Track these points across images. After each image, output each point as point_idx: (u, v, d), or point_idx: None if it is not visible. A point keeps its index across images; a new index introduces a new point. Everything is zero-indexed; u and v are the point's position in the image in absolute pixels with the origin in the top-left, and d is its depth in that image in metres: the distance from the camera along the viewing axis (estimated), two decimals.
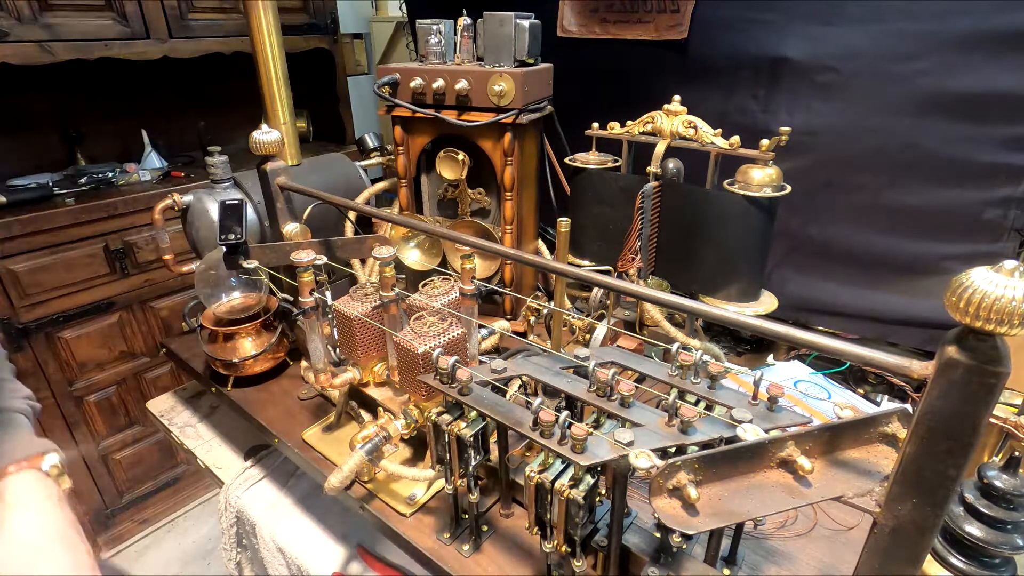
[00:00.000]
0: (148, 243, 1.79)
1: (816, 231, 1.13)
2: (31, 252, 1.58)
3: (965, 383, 0.32)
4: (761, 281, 0.97)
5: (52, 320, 1.67)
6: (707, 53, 1.16)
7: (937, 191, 1.00)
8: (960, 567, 0.49)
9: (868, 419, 0.40)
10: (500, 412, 0.56)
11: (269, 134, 0.87)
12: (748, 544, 0.70)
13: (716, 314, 0.48)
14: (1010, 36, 0.88)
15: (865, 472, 0.40)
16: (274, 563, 0.94)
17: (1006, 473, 0.48)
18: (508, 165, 1.02)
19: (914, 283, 1.06)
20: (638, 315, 1.05)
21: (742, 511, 0.41)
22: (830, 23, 1.01)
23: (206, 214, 1.05)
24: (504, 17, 0.97)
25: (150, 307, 1.89)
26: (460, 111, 1.00)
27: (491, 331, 0.93)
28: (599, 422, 0.55)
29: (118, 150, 2.02)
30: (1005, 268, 0.30)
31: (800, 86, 1.06)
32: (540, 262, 0.62)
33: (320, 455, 0.86)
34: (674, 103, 0.95)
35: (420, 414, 0.76)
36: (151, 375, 1.95)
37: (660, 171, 0.95)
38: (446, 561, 0.68)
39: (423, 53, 1.05)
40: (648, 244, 1.00)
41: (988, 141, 0.94)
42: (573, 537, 0.56)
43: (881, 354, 0.38)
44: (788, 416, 0.51)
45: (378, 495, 0.78)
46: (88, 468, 1.87)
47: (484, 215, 1.15)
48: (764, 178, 0.87)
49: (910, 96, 0.97)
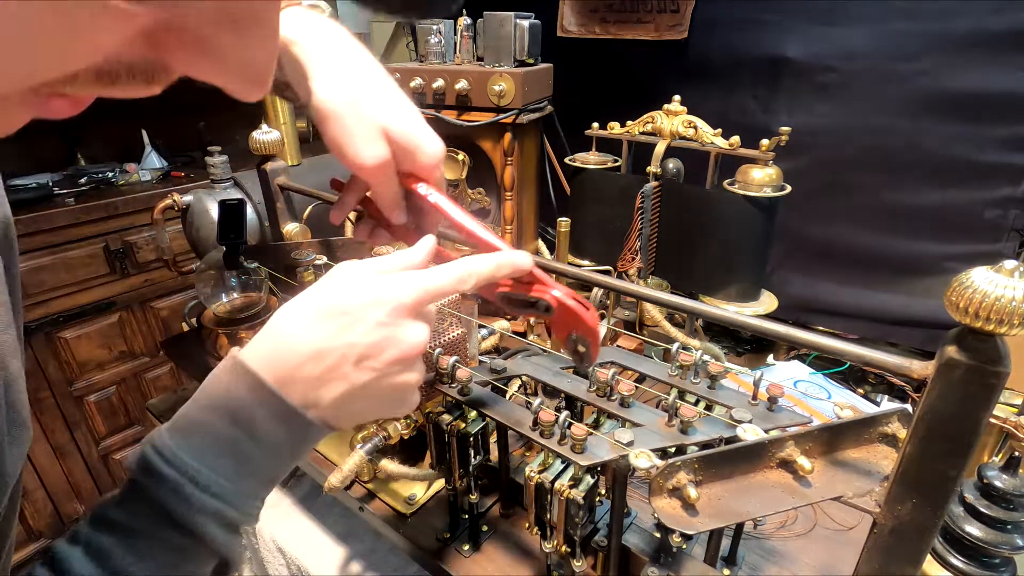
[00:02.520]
0: (148, 243, 1.79)
1: (816, 231, 1.13)
2: (31, 252, 1.58)
3: (965, 383, 0.32)
4: (761, 281, 0.97)
5: (52, 320, 1.67)
6: (707, 53, 1.16)
7: (937, 191, 1.00)
8: (960, 567, 0.49)
9: (868, 419, 0.40)
10: (500, 412, 0.56)
11: (269, 134, 0.87)
12: (748, 544, 0.70)
13: (716, 314, 0.48)
14: (1010, 36, 0.88)
15: (865, 472, 0.40)
16: (274, 563, 0.94)
17: (1006, 473, 0.48)
18: (508, 165, 1.02)
19: (914, 283, 1.06)
20: (638, 315, 1.05)
21: (742, 511, 0.41)
22: (830, 23, 1.01)
23: (206, 214, 1.05)
24: (504, 17, 0.97)
25: (150, 307, 1.89)
26: (460, 111, 1.00)
27: (491, 331, 0.93)
28: (599, 422, 0.55)
29: (118, 150, 2.02)
30: (1005, 268, 0.30)
31: (800, 86, 1.06)
32: (540, 262, 0.62)
33: (320, 455, 0.86)
34: (674, 103, 0.95)
35: (420, 414, 0.76)
36: (151, 375, 1.95)
37: (660, 171, 0.95)
38: (446, 561, 0.68)
39: (423, 53, 1.05)
40: (648, 244, 1.00)
41: (988, 141, 0.94)
42: (573, 537, 0.56)
43: (881, 354, 0.38)
44: (788, 416, 0.51)
45: (378, 495, 0.78)
46: (88, 468, 1.87)
47: (484, 215, 1.15)
48: (764, 178, 0.87)
49: (910, 96, 0.97)
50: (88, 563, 0.34)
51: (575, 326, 0.47)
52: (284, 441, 0.39)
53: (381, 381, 0.40)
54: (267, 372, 0.38)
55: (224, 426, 0.37)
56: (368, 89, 0.49)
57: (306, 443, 0.40)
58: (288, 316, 0.41)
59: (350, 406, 0.40)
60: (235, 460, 0.37)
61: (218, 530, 0.36)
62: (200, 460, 0.36)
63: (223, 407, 0.38)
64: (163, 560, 0.35)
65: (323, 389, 0.39)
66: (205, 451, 0.36)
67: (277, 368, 0.39)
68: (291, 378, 0.38)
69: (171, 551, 0.36)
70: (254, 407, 0.38)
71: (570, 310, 0.47)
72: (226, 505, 0.36)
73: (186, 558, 0.36)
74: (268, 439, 0.38)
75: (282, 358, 0.39)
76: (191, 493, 0.35)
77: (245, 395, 0.38)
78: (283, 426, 0.38)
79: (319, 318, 0.40)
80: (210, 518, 0.36)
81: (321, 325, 0.39)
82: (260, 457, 0.38)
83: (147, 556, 0.35)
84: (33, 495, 1.76)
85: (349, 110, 0.48)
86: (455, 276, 0.43)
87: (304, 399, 0.39)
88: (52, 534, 1.83)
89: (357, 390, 0.40)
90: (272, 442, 0.38)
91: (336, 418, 0.40)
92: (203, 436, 0.37)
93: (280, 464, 0.40)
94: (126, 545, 0.34)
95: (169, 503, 0.35)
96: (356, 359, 0.39)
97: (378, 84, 0.50)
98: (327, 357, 0.39)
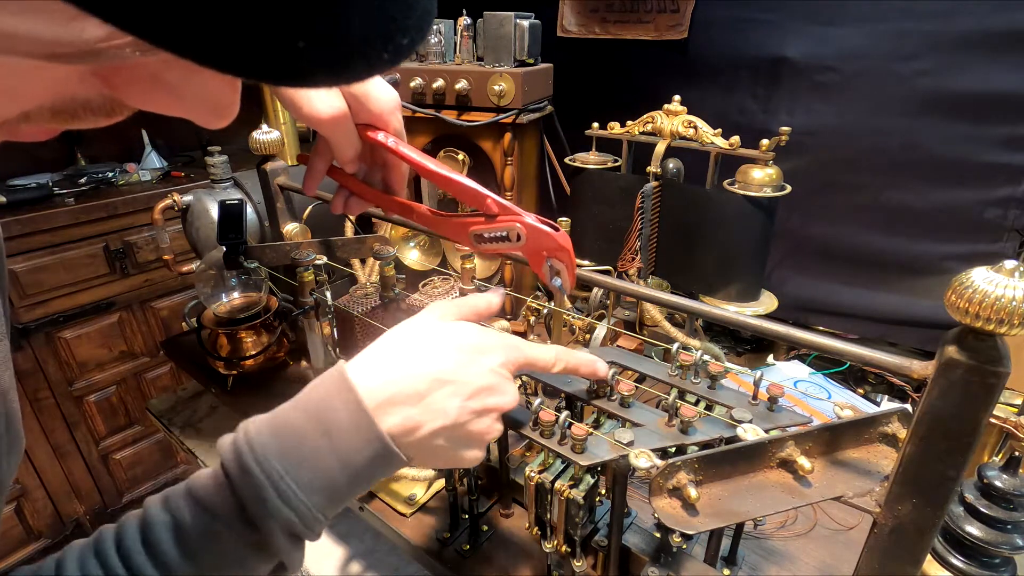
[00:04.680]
0: (148, 243, 1.79)
1: (816, 231, 1.13)
2: (31, 252, 1.58)
3: (965, 383, 0.32)
4: (761, 281, 0.96)
5: (52, 320, 1.67)
6: (707, 53, 1.16)
7: (937, 191, 1.00)
8: (960, 567, 0.49)
9: (868, 419, 0.40)
10: None
11: (269, 134, 0.87)
12: (748, 544, 0.70)
13: (716, 314, 0.48)
14: (1010, 36, 0.88)
15: (865, 472, 0.40)
16: None
17: (1006, 473, 0.48)
18: (508, 165, 1.02)
19: (914, 283, 1.06)
20: (638, 315, 1.05)
21: (742, 511, 0.41)
22: (830, 23, 1.01)
23: (206, 214, 1.05)
24: (504, 17, 0.97)
25: (150, 307, 1.89)
26: (460, 111, 1.00)
27: None
28: (599, 422, 0.55)
29: (118, 150, 2.02)
30: (1005, 268, 0.30)
31: (800, 86, 1.06)
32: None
33: None
34: (674, 103, 0.95)
35: None
36: (151, 375, 1.95)
37: (660, 171, 0.95)
38: (446, 561, 0.68)
39: (423, 53, 1.05)
40: (648, 244, 1.00)
41: (988, 141, 0.94)
42: (573, 537, 0.56)
43: (881, 354, 0.38)
44: (788, 416, 0.51)
45: (378, 495, 0.78)
46: (88, 468, 1.87)
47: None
48: (764, 178, 0.87)
49: (910, 96, 0.97)
50: (167, 532, 0.36)
51: (548, 248, 0.49)
52: (366, 467, 0.39)
53: (470, 425, 0.42)
54: (369, 393, 0.39)
55: (316, 438, 0.38)
56: None
57: (385, 471, 0.41)
58: (409, 339, 0.43)
59: (434, 441, 0.41)
60: (317, 476, 0.38)
61: (283, 539, 0.37)
62: (286, 466, 0.37)
63: (316, 417, 0.38)
64: (231, 549, 0.37)
65: (421, 419, 0.40)
66: (293, 458, 0.37)
67: (381, 390, 0.39)
68: (392, 401, 0.39)
69: (242, 545, 0.37)
70: (350, 431, 0.38)
71: (540, 231, 0.48)
72: (297, 517, 0.37)
73: (249, 555, 0.37)
74: (352, 461, 0.38)
75: (390, 379, 0.40)
76: (270, 498, 0.36)
77: (341, 411, 0.38)
78: (369, 451, 0.39)
79: (445, 347, 0.42)
80: (279, 525, 0.36)
81: (446, 355, 0.41)
82: (339, 477, 0.38)
83: (220, 541, 0.36)
84: (33, 495, 1.76)
85: None
86: (551, 356, 0.48)
87: (398, 427, 0.39)
88: (52, 534, 1.83)
89: (448, 428, 0.41)
90: (355, 465, 0.38)
91: (419, 451, 0.41)
92: (295, 441, 0.38)
93: (355, 487, 0.40)
94: (204, 526, 0.36)
95: (249, 502, 0.36)
96: (467, 395, 0.41)
97: None
98: (443, 386, 0.40)
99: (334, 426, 0.38)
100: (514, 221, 0.49)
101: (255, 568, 0.38)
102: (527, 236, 0.49)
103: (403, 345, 0.42)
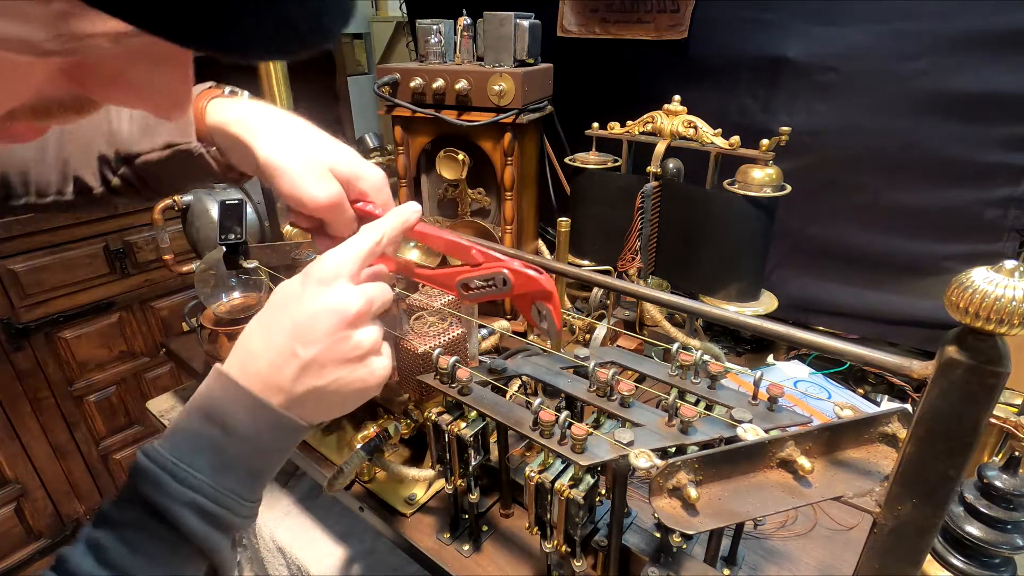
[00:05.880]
0: (148, 243, 1.79)
1: (816, 231, 1.13)
2: (31, 252, 1.58)
3: (965, 383, 0.32)
4: (761, 281, 0.96)
5: (52, 320, 1.67)
6: (707, 53, 1.15)
7: (937, 191, 1.00)
8: (960, 567, 0.49)
9: (868, 419, 0.40)
10: (500, 412, 0.56)
11: None
12: (748, 544, 0.70)
13: (716, 314, 0.48)
14: (1010, 36, 0.88)
15: (865, 472, 0.40)
16: (274, 563, 0.94)
17: (1006, 473, 0.48)
18: (508, 165, 1.02)
19: (914, 283, 1.06)
20: (638, 315, 1.05)
21: (742, 511, 0.41)
22: (830, 23, 1.01)
23: (206, 214, 1.05)
24: (504, 17, 0.97)
25: (150, 307, 1.89)
26: (460, 111, 1.00)
27: (491, 331, 0.93)
28: (599, 422, 0.55)
29: None
30: (1005, 268, 0.30)
31: (800, 86, 1.06)
32: (540, 262, 0.62)
33: (320, 455, 0.86)
34: (674, 103, 0.95)
35: (420, 414, 0.76)
36: (151, 375, 1.95)
37: (660, 171, 0.95)
38: (446, 561, 0.68)
39: (423, 53, 1.05)
40: (648, 244, 1.00)
41: (988, 141, 0.94)
42: (573, 537, 0.56)
43: (881, 354, 0.38)
44: (788, 416, 0.51)
45: (378, 495, 0.78)
46: (88, 468, 1.87)
47: (484, 215, 1.15)
48: (764, 178, 0.87)
49: (910, 96, 0.97)
50: (87, 557, 0.37)
51: (533, 293, 0.50)
52: (257, 434, 0.42)
53: (341, 382, 0.45)
54: (237, 372, 0.43)
55: (199, 424, 0.41)
56: (308, 139, 0.54)
57: (284, 437, 0.44)
58: (253, 330, 0.47)
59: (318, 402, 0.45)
60: (210, 454, 0.41)
61: (197, 522, 0.39)
62: (178, 455, 0.40)
63: (199, 408, 0.42)
64: (153, 552, 0.38)
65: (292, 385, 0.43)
66: (183, 447, 0.40)
67: (247, 369, 0.44)
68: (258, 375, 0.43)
69: (158, 542, 0.39)
70: (225, 403, 0.42)
71: (525, 276, 0.50)
72: (202, 497, 0.39)
73: (173, 553, 0.39)
74: (241, 432, 0.41)
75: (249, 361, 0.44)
76: (167, 483, 0.38)
77: (218, 394, 0.43)
78: (252, 417, 0.42)
79: (278, 331, 0.45)
80: (187, 508, 0.38)
81: (279, 337, 0.44)
82: (236, 451, 0.41)
83: (138, 549, 0.38)
84: (33, 495, 1.76)
85: (297, 159, 0.52)
86: (370, 245, 0.48)
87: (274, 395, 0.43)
88: (52, 534, 1.83)
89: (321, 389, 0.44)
90: (245, 435, 0.42)
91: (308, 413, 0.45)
92: (182, 434, 0.41)
93: (260, 459, 0.43)
94: (119, 538, 0.38)
95: (151, 495, 0.38)
96: (317, 365, 0.44)
97: (315, 134, 0.55)
98: (289, 364, 0.44)
99: (215, 410, 0.42)
100: (500, 267, 0.50)
101: (183, 568, 0.40)
102: (513, 282, 0.50)
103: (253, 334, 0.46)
